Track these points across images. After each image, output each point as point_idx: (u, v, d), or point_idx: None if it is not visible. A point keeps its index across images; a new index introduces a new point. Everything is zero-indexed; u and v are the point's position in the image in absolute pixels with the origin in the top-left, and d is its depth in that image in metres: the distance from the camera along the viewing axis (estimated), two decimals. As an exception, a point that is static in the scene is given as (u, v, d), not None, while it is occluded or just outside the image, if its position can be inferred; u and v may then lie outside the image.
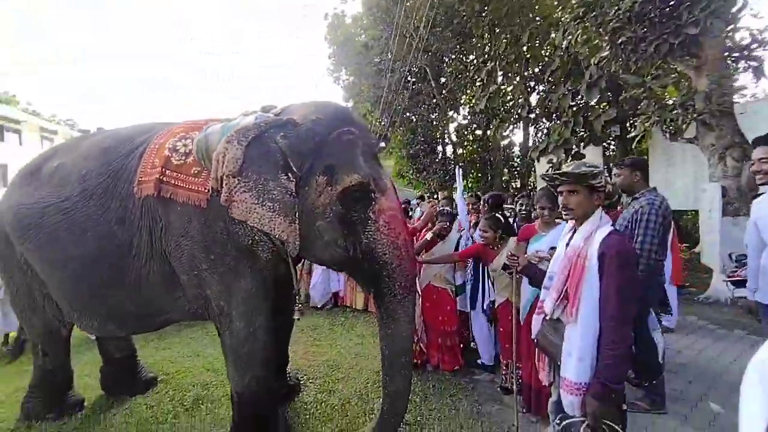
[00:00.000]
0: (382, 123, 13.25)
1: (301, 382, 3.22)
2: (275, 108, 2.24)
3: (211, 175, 1.96)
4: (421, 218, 3.77)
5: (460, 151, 15.25)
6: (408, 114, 13.97)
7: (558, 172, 1.67)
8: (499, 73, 11.07)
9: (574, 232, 1.68)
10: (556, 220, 2.52)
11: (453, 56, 13.03)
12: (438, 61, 12.87)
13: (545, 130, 11.23)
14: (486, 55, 11.11)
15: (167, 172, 2.14)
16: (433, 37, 12.21)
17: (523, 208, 4.20)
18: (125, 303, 2.37)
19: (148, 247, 2.22)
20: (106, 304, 2.40)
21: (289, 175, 1.97)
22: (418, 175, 14.44)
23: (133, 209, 2.21)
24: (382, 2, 12.03)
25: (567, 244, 1.69)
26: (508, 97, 11.17)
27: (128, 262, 2.24)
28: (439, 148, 15.25)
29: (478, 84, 11.00)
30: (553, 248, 1.99)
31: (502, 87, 11.18)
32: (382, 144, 17.28)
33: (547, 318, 1.70)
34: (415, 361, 3.31)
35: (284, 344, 2.98)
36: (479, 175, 16.01)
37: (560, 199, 1.69)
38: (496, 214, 3.09)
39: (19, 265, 2.60)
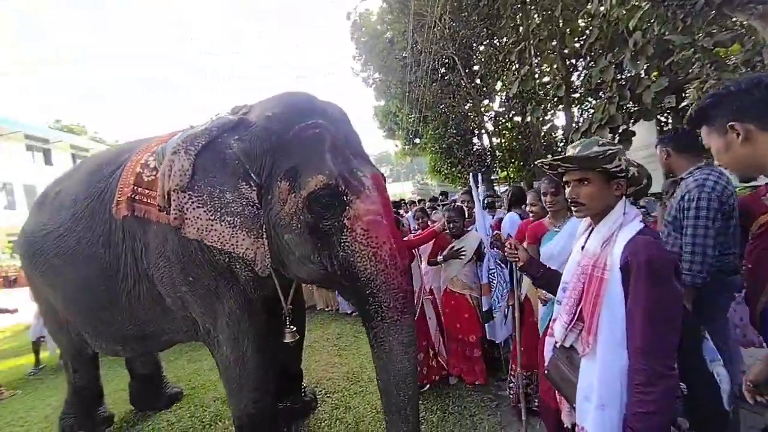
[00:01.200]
0: (412, 119, 12.93)
1: (318, 397, 3.10)
2: (245, 108, 2.04)
3: (157, 192, 1.82)
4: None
5: (497, 140, 14.53)
6: (441, 106, 13.52)
7: (560, 157, 1.28)
8: (533, 52, 10.33)
9: (591, 231, 1.30)
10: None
11: (483, 42, 12.38)
12: (467, 49, 12.29)
13: (591, 110, 10.31)
14: (517, 36, 10.40)
15: (139, 189, 2.05)
16: (459, 23, 11.71)
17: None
18: (123, 325, 2.37)
19: (134, 269, 2.18)
20: (106, 327, 2.42)
21: (251, 183, 1.78)
22: (453, 168, 13.94)
23: (116, 231, 2.17)
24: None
25: (582, 248, 1.31)
26: (545, 78, 10.37)
27: (118, 284, 2.21)
28: (475, 139, 14.64)
29: (509, 68, 10.36)
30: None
31: (537, 68, 10.41)
32: (417, 140, 16.97)
33: (558, 344, 1.34)
34: (433, 377, 3.07)
35: (295, 360, 2.87)
36: (521, 164, 15.17)
37: (567, 191, 1.31)
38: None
39: (42, 287, 2.72)
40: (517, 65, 9.44)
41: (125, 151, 2.39)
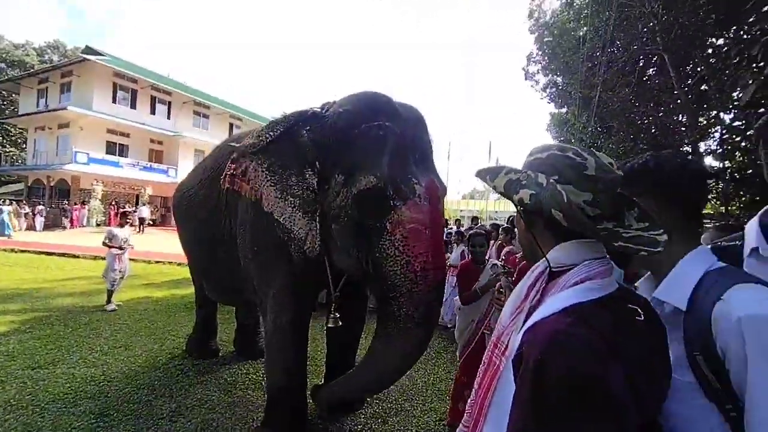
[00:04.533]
0: (590, 128, 10.95)
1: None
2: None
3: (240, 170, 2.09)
4: None
5: (719, 163, 10.84)
6: (632, 115, 10.98)
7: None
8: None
9: None
10: None
11: (709, 36, 9.36)
12: (687, 44, 9.54)
13: None
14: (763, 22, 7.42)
15: None
16: (680, 12, 9.18)
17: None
18: (220, 278, 2.89)
19: (228, 233, 2.59)
20: (209, 276, 3.01)
21: (314, 171, 1.93)
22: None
23: (221, 200, 2.62)
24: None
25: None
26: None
27: (218, 244, 2.69)
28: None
29: (747, 66, 7.48)
30: None
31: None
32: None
33: None
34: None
35: (352, 353, 2.87)
36: (756, 197, 10.95)
37: None
38: None
39: (179, 233, 3.49)
40: (756, 62, 6.77)
41: (246, 133, 2.78)
